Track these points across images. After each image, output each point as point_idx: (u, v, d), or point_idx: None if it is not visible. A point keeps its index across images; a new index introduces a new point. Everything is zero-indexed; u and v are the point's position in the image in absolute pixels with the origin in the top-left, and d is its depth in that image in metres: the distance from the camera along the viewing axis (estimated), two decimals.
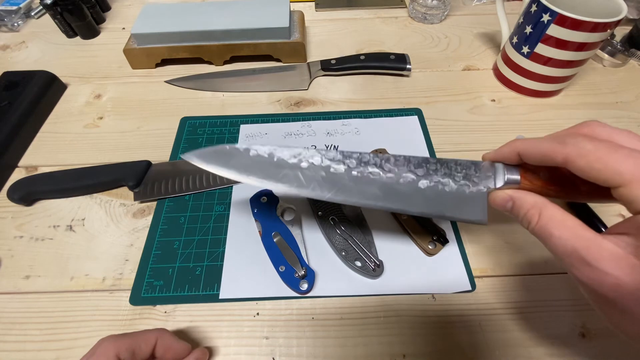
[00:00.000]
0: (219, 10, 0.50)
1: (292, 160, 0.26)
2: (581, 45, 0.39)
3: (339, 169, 0.26)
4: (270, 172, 0.26)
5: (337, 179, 0.26)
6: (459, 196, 0.25)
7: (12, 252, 0.34)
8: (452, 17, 0.59)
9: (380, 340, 0.29)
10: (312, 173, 0.26)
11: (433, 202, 0.25)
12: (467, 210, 0.24)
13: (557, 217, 0.20)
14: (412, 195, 0.25)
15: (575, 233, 0.19)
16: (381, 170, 0.26)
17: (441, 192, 0.25)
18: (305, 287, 0.30)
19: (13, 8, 0.58)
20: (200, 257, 0.33)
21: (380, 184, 0.25)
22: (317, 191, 0.25)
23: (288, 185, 0.26)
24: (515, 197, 0.22)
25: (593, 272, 0.18)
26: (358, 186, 0.25)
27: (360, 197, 0.25)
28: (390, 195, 0.25)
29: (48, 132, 0.44)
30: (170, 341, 0.25)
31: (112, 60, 0.52)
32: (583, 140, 0.19)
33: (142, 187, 0.37)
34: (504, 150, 0.24)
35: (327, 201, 0.26)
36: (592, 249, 0.18)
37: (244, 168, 0.26)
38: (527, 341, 0.28)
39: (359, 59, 0.48)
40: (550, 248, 0.20)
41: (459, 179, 0.25)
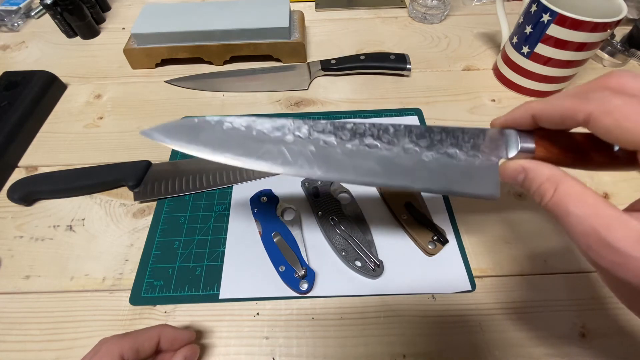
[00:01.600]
0: (219, 10, 0.50)
1: (275, 134, 0.23)
2: (581, 45, 0.39)
3: (330, 142, 0.23)
4: (249, 147, 0.22)
5: (329, 153, 0.22)
6: (468, 168, 0.22)
7: (12, 252, 0.34)
8: (452, 17, 0.59)
9: (380, 340, 0.29)
10: (299, 148, 0.22)
11: (439, 176, 0.22)
12: (477, 184, 0.21)
13: (576, 192, 0.17)
14: (415, 169, 0.22)
15: (595, 210, 0.16)
16: (379, 142, 0.23)
17: (448, 164, 0.22)
18: (305, 287, 0.30)
19: (13, 8, 0.58)
20: (200, 257, 0.33)
21: (379, 158, 0.22)
22: (305, 169, 0.22)
23: (271, 162, 0.22)
24: (528, 168, 0.19)
25: (616, 255, 0.15)
26: (353, 161, 0.22)
27: (357, 173, 0.22)
28: (391, 171, 0.22)
29: (48, 132, 0.44)
30: (174, 333, 0.25)
31: (112, 60, 0.52)
32: (610, 95, 0.16)
33: (142, 187, 0.37)
34: (517, 114, 0.21)
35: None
36: (615, 228, 0.15)
37: (217, 144, 0.23)
38: (527, 341, 0.28)
39: (359, 59, 0.48)
40: (565, 227, 0.17)
41: (467, 149, 0.22)
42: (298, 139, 0.23)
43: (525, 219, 0.35)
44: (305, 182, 0.37)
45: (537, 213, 0.35)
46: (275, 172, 0.22)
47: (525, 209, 0.36)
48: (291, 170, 0.22)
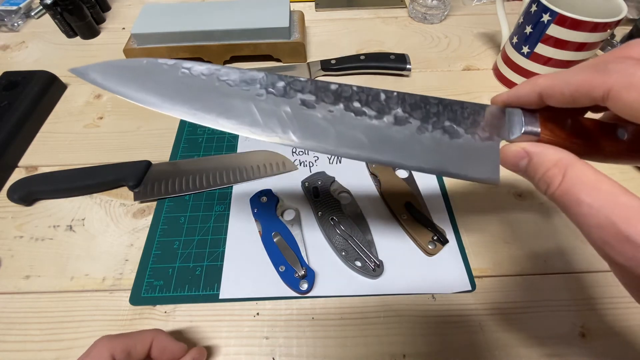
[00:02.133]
0: (219, 10, 0.50)
1: (242, 87, 0.19)
2: (581, 45, 0.39)
3: (310, 102, 0.19)
4: (210, 101, 0.19)
5: (308, 116, 0.19)
6: (466, 147, 0.19)
7: (12, 252, 0.34)
8: (452, 17, 0.59)
9: (380, 340, 0.29)
10: (271, 106, 0.19)
11: (433, 153, 0.19)
12: (476, 166, 0.19)
13: (588, 178, 0.15)
14: (407, 143, 0.19)
15: (612, 199, 0.14)
16: (367, 109, 0.19)
17: (444, 141, 0.19)
18: (305, 287, 0.30)
19: (13, 8, 0.58)
20: (200, 257, 0.33)
21: (366, 127, 0.19)
22: (277, 133, 0.19)
23: (235, 121, 0.19)
24: (532, 151, 0.17)
25: (636, 251, 0.13)
26: (336, 128, 0.19)
27: (339, 143, 0.19)
28: (379, 143, 0.19)
29: (48, 132, 0.44)
30: (166, 342, 0.25)
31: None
32: (634, 66, 0.14)
33: (142, 187, 0.37)
34: (522, 90, 0.18)
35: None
36: (634, 220, 0.13)
37: (170, 93, 0.19)
38: (527, 341, 0.28)
39: (359, 59, 0.48)
40: (576, 219, 0.15)
41: (466, 126, 0.20)
42: (271, 96, 0.19)
43: (525, 219, 0.35)
44: (306, 182, 0.37)
45: (537, 213, 0.35)
46: (240, 133, 0.19)
47: (525, 209, 0.36)
48: (261, 133, 0.19)
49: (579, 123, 0.18)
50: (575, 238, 0.34)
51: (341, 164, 0.39)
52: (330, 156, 0.40)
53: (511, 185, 0.37)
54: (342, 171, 0.38)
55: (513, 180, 0.37)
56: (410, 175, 0.38)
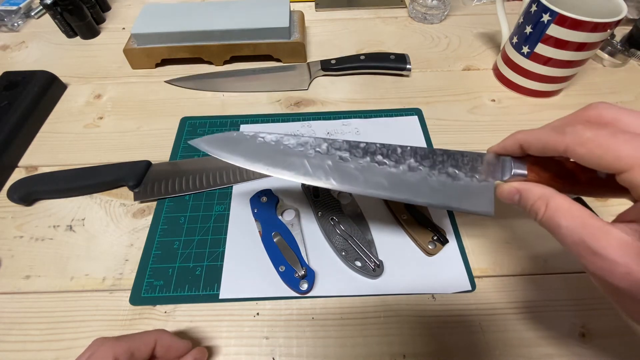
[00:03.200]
0: (219, 10, 0.50)
1: (298, 149, 0.26)
2: (581, 45, 0.39)
3: (345, 157, 0.26)
4: (277, 159, 0.26)
5: (344, 167, 0.26)
6: (466, 187, 0.24)
7: (12, 252, 0.34)
8: (452, 17, 0.59)
9: (380, 340, 0.29)
10: (318, 161, 0.26)
11: (439, 192, 0.24)
12: (474, 202, 0.24)
13: (564, 207, 0.19)
14: (419, 185, 0.25)
15: (582, 222, 0.18)
16: (387, 160, 0.26)
17: (448, 183, 0.25)
18: (305, 287, 0.30)
19: (13, 8, 0.58)
20: (200, 257, 0.33)
21: (387, 174, 0.25)
22: (322, 179, 0.25)
23: (294, 172, 0.26)
24: (522, 189, 0.22)
25: (602, 262, 0.17)
26: (364, 175, 0.25)
27: (366, 186, 0.25)
28: (397, 185, 0.25)
29: (48, 132, 0.44)
30: (170, 340, 0.25)
31: (112, 60, 0.52)
32: (582, 129, 0.19)
33: (142, 187, 0.37)
34: (507, 143, 0.24)
35: (332, 191, 0.27)
36: (599, 237, 0.17)
37: (251, 155, 0.26)
38: (527, 341, 0.28)
39: (359, 59, 0.48)
40: (558, 239, 0.19)
41: (466, 171, 0.25)
42: (318, 154, 0.26)
43: (525, 220, 0.35)
44: None
45: None
46: (298, 181, 0.26)
47: None
48: (311, 180, 0.25)
49: (560, 165, 0.22)
50: None
51: None
52: None
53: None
54: None
55: None
56: None
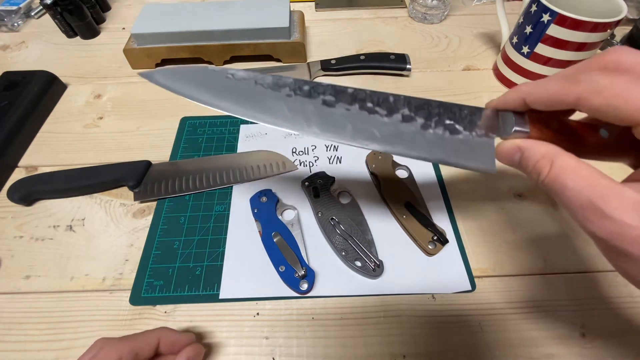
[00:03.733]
0: (219, 10, 0.50)
1: (276, 90, 0.23)
2: (581, 45, 0.39)
3: (330, 101, 0.23)
4: (249, 98, 0.23)
5: (329, 113, 0.23)
6: (465, 142, 0.22)
7: (12, 252, 0.34)
8: (452, 17, 0.59)
9: (380, 340, 0.29)
10: (299, 105, 0.23)
11: (436, 146, 0.22)
12: (474, 158, 0.22)
13: (571, 165, 0.17)
14: (414, 137, 0.22)
15: (591, 181, 0.16)
16: (379, 108, 0.23)
17: (445, 136, 0.22)
18: (305, 287, 0.30)
19: (13, 8, 0.58)
20: (200, 257, 0.33)
21: (378, 123, 0.23)
22: (302, 125, 0.22)
23: (269, 115, 0.22)
24: (524, 146, 0.20)
25: (612, 225, 0.15)
26: (352, 123, 0.23)
27: (354, 136, 0.22)
28: (389, 136, 0.22)
29: (48, 132, 0.44)
30: (174, 336, 0.25)
31: (112, 60, 0.52)
32: (598, 76, 0.17)
33: (142, 187, 0.37)
34: (509, 97, 0.21)
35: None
36: (610, 198, 0.16)
37: (219, 92, 0.23)
38: (527, 341, 0.28)
39: (359, 59, 0.48)
40: (563, 201, 0.18)
41: (465, 125, 0.23)
42: (298, 97, 0.23)
43: (525, 219, 0.35)
44: (306, 182, 0.37)
45: (537, 213, 0.35)
46: (272, 125, 0.22)
47: (525, 209, 0.36)
48: (289, 125, 0.22)
49: (563, 123, 0.21)
50: (575, 237, 0.34)
51: (341, 164, 0.39)
52: (331, 156, 0.40)
53: (511, 185, 0.37)
54: (342, 171, 0.38)
55: (513, 181, 0.37)
56: (410, 175, 0.38)
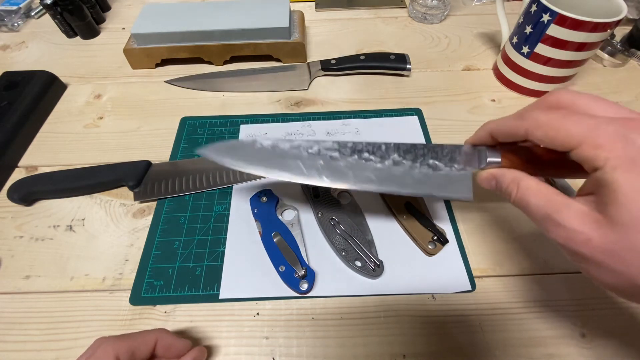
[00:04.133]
0: (219, 10, 0.50)
1: (293, 151, 0.29)
2: (581, 45, 0.39)
3: (335, 156, 0.28)
4: (274, 162, 0.28)
5: (335, 166, 0.28)
6: (446, 177, 0.27)
7: (12, 252, 0.34)
8: (452, 17, 0.59)
9: (380, 340, 0.29)
10: (311, 162, 0.28)
11: (423, 183, 0.27)
12: (454, 189, 0.27)
13: (533, 186, 0.21)
14: (404, 177, 0.27)
15: (547, 198, 0.20)
16: (373, 157, 0.28)
17: (429, 174, 0.27)
18: (305, 287, 0.30)
19: (13, 8, 0.58)
20: (200, 257, 0.33)
21: (373, 169, 0.28)
22: (316, 178, 0.28)
23: (291, 173, 0.28)
24: (496, 174, 0.24)
25: (565, 232, 0.19)
26: (353, 172, 0.28)
27: (356, 181, 0.27)
28: (383, 179, 0.27)
29: (48, 132, 0.44)
30: (171, 340, 0.25)
31: (112, 60, 0.52)
32: (539, 113, 0.21)
33: (142, 187, 0.37)
34: (480, 134, 0.26)
35: (327, 189, 0.29)
36: (562, 210, 0.19)
37: (251, 160, 0.29)
38: (527, 341, 0.28)
39: (359, 59, 0.48)
40: (529, 216, 0.22)
41: (446, 162, 0.27)
42: (310, 155, 0.28)
43: (525, 219, 0.34)
44: None
45: None
46: (294, 181, 0.28)
47: None
48: (306, 179, 0.28)
49: (530, 151, 0.25)
50: None
51: None
52: None
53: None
54: None
55: None
56: None
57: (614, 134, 0.18)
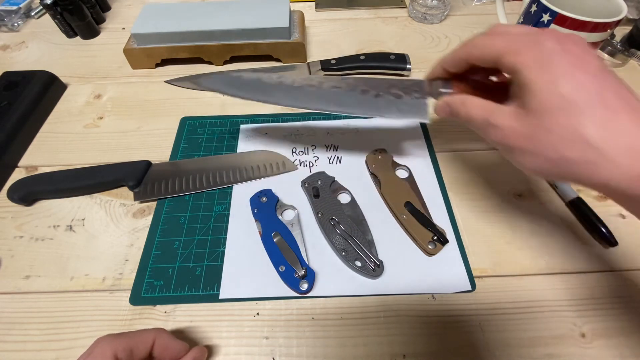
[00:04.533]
0: (219, 10, 0.50)
1: (274, 82, 0.34)
2: None
3: (316, 84, 0.33)
4: (256, 89, 0.34)
5: (314, 93, 0.33)
6: (407, 103, 0.32)
7: (12, 252, 0.34)
8: (452, 17, 0.59)
9: (380, 340, 0.29)
10: (276, 88, 0.34)
11: (387, 108, 0.32)
12: (413, 113, 0.31)
13: (474, 102, 0.26)
14: (371, 103, 0.32)
15: (484, 108, 0.24)
16: (342, 85, 0.33)
17: (393, 100, 0.32)
18: (305, 287, 0.30)
19: (13, 8, 0.58)
20: (200, 257, 0.33)
21: (341, 94, 0.32)
22: (297, 103, 0.33)
23: (248, 93, 0.34)
24: (449, 101, 0.28)
25: (500, 131, 0.23)
26: (318, 96, 0.32)
27: (319, 103, 0.32)
28: (355, 104, 0.32)
29: (48, 132, 0.44)
30: (168, 341, 0.25)
31: (112, 60, 0.52)
32: (476, 39, 0.25)
33: (142, 187, 0.37)
34: (435, 69, 0.30)
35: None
36: (495, 113, 0.24)
37: (235, 88, 0.34)
38: (527, 341, 0.28)
39: (359, 59, 0.48)
40: (475, 127, 0.26)
41: (407, 92, 0.32)
42: (277, 84, 0.34)
43: (525, 219, 0.35)
44: (306, 182, 0.37)
45: (537, 213, 0.35)
46: (266, 103, 0.34)
47: (525, 208, 0.36)
48: (265, 98, 0.34)
49: (475, 81, 0.28)
50: (576, 238, 0.34)
51: (341, 164, 0.39)
52: (331, 156, 0.40)
53: (511, 185, 0.37)
54: (342, 171, 0.38)
55: (513, 181, 0.37)
56: (410, 175, 0.38)
57: (528, 42, 0.22)
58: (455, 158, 0.40)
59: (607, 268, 0.32)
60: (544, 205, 0.36)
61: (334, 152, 0.40)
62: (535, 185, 0.37)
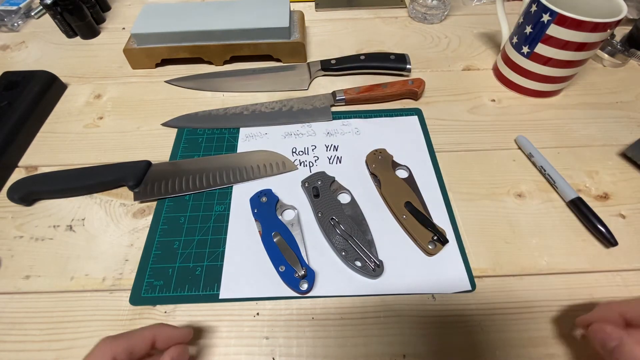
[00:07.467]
0: (219, 10, 0.50)
1: None
2: (581, 45, 0.39)
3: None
4: None
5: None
6: (314, 110, 0.42)
7: (12, 252, 0.34)
8: (452, 17, 0.59)
9: (380, 340, 0.29)
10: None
11: (294, 118, 0.42)
12: (318, 117, 0.41)
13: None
14: (279, 114, 0.43)
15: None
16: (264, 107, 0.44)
17: (304, 109, 0.43)
18: (305, 287, 0.30)
19: (13, 8, 0.58)
20: (200, 257, 0.33)
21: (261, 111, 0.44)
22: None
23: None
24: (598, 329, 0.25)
25: None
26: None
27: None
28: (269, 115, 0.43)
29: (48, 132, 0.44)
30: (170, 332, 0.25)
31: (112, 60, 0.52)
32: (626, 347, 0.23)
33: (142, 187, 0.37)
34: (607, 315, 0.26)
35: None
36: None
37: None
38: (527, 341, 0.28)
39: (359, 59, 0.48)
40: None
41: (313, 103, 0.42)
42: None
43: (525, 219, 0.35)
44: (306, 182, 0.37)
45: (537, 213, 0.35)
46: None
47: (525, 209, 0.36)
48: None
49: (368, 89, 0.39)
50: (576, 238, 0.34)
51: (341, 164, 0.39)
52: (331, 156, 0.40)
53: (511, 185, 0.37)
54: (342, 171, 0.38)
55: (513, 180, 0.37)
56: (410, 175, 0.38)
57: None
58: (455, 158, 0.40)
59: (607, 268, 0.32)
60: (544, 205, 0.36)
61: (334, 152, 0.40)
62: (535, 185, 0.37)
